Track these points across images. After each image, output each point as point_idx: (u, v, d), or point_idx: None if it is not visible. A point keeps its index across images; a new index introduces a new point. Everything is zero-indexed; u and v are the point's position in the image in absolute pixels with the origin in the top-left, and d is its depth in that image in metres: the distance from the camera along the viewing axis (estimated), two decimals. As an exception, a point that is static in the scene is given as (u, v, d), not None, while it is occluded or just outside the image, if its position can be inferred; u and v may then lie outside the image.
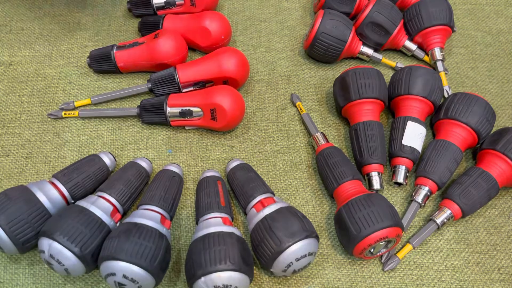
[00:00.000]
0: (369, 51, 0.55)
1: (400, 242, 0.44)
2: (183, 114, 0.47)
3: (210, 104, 0.46)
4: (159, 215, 0.39)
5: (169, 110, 0.47)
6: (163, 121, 0.48)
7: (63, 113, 0.49)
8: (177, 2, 0.55)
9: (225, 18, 0.53)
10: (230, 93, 0.46)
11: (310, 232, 0.38)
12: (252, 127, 0.50)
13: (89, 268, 0.37)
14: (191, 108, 0.47)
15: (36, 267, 0.40)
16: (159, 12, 0.56)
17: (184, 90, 0.50)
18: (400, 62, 0.56)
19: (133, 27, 0.57)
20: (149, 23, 0.54)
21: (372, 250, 0.40)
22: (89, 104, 0.50)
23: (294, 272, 0.39)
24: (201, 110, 0.47)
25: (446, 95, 0.54)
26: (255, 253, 0.39)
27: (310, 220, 0.43)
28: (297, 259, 0.37)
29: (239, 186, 0.43)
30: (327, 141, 0.48)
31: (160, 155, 0.48)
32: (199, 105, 0.46)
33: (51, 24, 0.56)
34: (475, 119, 0.46)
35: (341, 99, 0.49)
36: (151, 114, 0.48)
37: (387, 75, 0.56)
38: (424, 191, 0.45)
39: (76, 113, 0.49)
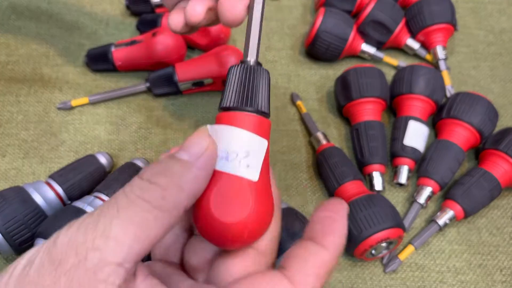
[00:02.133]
0: (370, 49, 0.54)
1: (401, 243, 0.43)
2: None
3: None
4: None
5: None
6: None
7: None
8: (176, 0, 0.54)
9: (224, 16, 0.52)
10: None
11: (310, 234, 0.37)
12: (252, 126, 0.50)
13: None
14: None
15: (33, 269, 0.40)
16: (157, 10, 0.55)
17: (182, 88, 0.50)
18: (402, 61, 0.56)
19: (131, 26, 0.57)
20: (147, 21, 0.54)
21: (373, 251, 0.40)
22: (86, 104, 0.50)
23: (294, 274, 0.38)
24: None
25: (448, 95, 0.53)
26: (255, 254, 0.39)
27: (311, 221, 0.43)
28: (297, 261, 0.37)
29: (238, 187, 0.43)
30: (328, 141, 0.47)
31: (158, 155, 0.47)
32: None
33: (48, 23, 0.56)
34: (477, 119, 0.46)
35: (342, 98, 0.49)
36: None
37: (389, 74, 0.55)
38: (426, 191, 0.44)
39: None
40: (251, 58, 0.26)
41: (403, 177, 0.46)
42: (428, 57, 0.56)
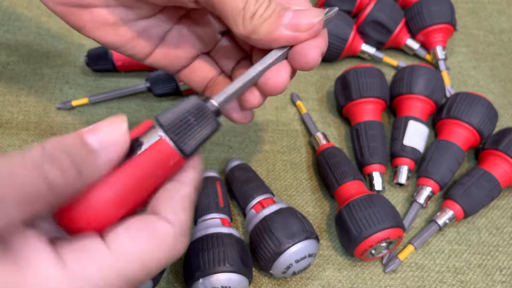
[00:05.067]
0: (370, 50, 0.54)
1: (401, 243, 0.43)
2: None
3: None
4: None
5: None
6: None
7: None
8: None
9: (224, 16, 0.52)
10: None
11: (310, 233, 0.37)
12: (252, 127, 0.50)
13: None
14: None
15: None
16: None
17: (183, 89, 0.50)
18: (402, 61, 0.56)
19: (131, 26, 0.57)
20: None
21: (373, 251, 0.40)
22: (86, 104, 0.50)
23: (294, 273, 0.38)
24: None
25: (448, 95, 0.53)
26: (255, 254, 0.39)
27: (310, 221, 0.43)
28: (297, 261, 0.37)
29: (238, 187, 0.43)
30: (328, 141, 0.47)
31: (158, 155, 0.47)
32: None
33: (48, 23, 0.56)
34: (477, 119, 0.46)
35: (342, 98, 0.49)
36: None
37: (389, 74, 0.55)
38: (426, 191, 0.44)
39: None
40: (216, 101, 0.26)
41: (403, 177, 0.46)
42: (428, 57, 0.56)
